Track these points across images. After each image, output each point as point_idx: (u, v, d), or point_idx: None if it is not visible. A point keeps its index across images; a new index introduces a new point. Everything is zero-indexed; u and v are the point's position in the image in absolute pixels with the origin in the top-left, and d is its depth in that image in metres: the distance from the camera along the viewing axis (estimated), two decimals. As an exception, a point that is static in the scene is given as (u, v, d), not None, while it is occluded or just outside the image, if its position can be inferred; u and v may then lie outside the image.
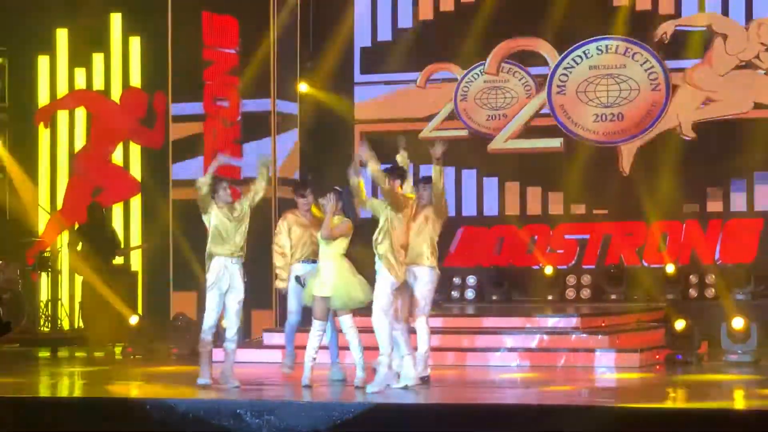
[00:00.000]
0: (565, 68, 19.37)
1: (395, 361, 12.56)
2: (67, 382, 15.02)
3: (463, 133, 19.74)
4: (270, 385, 13.36)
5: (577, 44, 19.26)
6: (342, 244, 12.94)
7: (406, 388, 12.45)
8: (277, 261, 13.81)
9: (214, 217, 13.19)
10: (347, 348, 13.13)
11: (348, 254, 13.02)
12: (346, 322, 12.87)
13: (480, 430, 10.81)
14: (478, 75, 19.84)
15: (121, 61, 20.85)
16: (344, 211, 12.97)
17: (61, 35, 21.03)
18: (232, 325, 13.13)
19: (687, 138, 18.67)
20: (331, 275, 12.87)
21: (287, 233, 13.73)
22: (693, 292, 18.27)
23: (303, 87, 19.62)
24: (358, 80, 20.09)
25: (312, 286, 12.99)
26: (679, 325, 15.57)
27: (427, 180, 12.97)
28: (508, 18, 19.28)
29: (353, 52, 20.03)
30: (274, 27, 18.82)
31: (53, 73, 21.14)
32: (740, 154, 18.25)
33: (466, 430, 10.86)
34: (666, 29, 18.65)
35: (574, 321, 15.62)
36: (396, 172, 12.74)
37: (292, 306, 13.76)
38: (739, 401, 12.31)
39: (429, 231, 12.98)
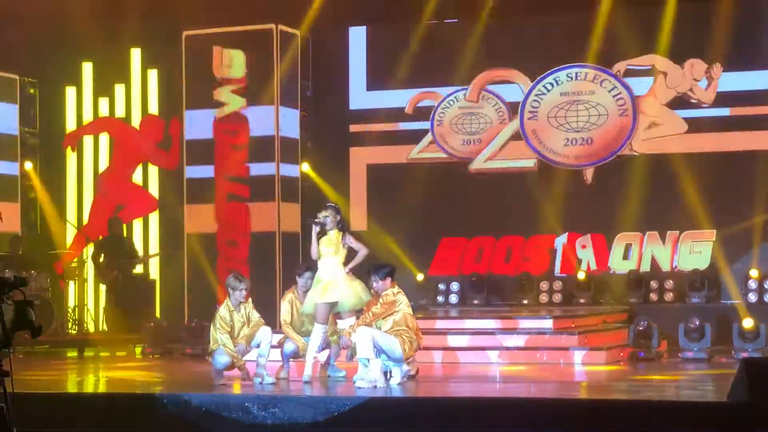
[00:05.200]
0: (537, 95, 19.29)
1: (378, 363, 12.48)
2: (92, 379, 15.03)
3: (444, 154, 19.72)
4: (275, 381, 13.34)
5: (548, 72, 19.22)
6: (344, 254, 12.99)
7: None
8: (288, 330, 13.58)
9: (224, 309, 13.14)
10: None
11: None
12: (350, 322, 12.86)
13: (463, 421, 10.83)
14: (453, 102, 19.69)
15: (141, 91, 20.88)
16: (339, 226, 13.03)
17: (87, 68, 21.07)
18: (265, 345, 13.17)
19: (636, 153, 18.83)
20: (341, 281, 12.87)
21: (291, 310, 13.57)
22: (653, 296, 18.31)
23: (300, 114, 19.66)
24: (354, 107, 20.10)
25: (314, 294, 12.99)
26: (641, 326, 15.62)
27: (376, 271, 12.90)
28: (485, 49, 19.29)
29: (348, 83, 20.07)
30: (277, 59, 18.86)
31: (79, 102, 21.17)
32: (689, 172, 18.40)
33: (450, 420, 10.89)
34: (620, 67, 18.92)
35: (547, 322, 15.64)
36: (382, 271, 12.77)
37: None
38: (693, 394, 12.34)
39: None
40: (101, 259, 19.92)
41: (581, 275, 18.63)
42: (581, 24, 18.72)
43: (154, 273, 20.56)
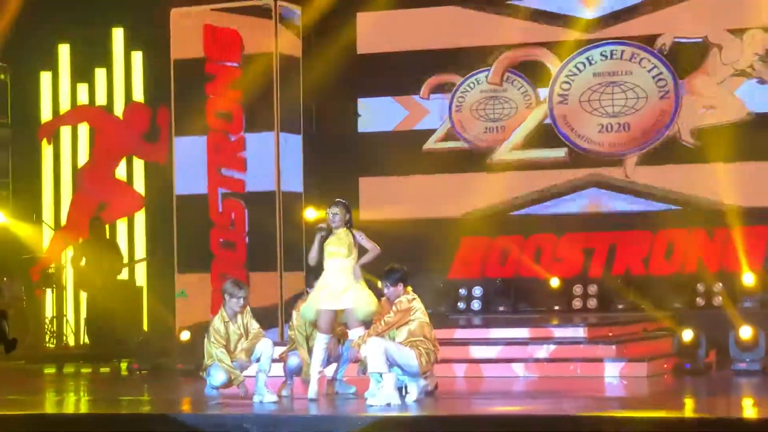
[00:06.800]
0: (568, 76, 19.24)
1: (392, 378, 12.48)
2: (73, 399, 15.05)
3: (465, 144, 19.74)
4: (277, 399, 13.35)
5: (580, 50, 19.17)
6: (354, 257, 12.94)
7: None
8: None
9: (218, 320, 13.12)
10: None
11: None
12: (359, 333, 12.82)
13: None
14: (474, 84, 19.71)
15: (124, 75, 20.91)
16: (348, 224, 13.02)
17: (63, 50, 21.11)
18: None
19: (687, 144, 18.70)
20: (349, 289, 12.84)
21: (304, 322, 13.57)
22: (700, 301, 18.25)
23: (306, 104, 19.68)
24: (362, 90, 20.11)
25: (316, 299, 12.96)
26: (687, 334, 15.58)
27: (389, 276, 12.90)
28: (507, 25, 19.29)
29: (356, 63, 20.07)
30: (277, 38, 18.83)
31: (55, 88, 21.22)
32: (743, 162, 18.30)
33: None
34: (665, 40, 18.72)
35: (581, 331, 15.62)
36: (393, 276, 12.77)
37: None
38: (748, 410, 12.31)
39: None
40: (82, 264, 19.97)
41: (619, 279, 18.60)
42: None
43: (141, 279, 20.59)
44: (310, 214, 18.95)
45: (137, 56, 20.81)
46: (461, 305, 19.22)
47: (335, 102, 19.98)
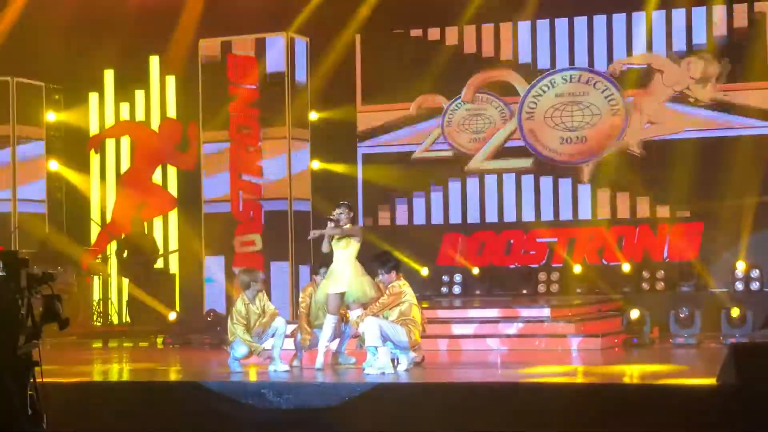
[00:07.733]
0: (534, 96, 19.26)
1: (386, 351, 12.49)
2: (116, 368, 15.07)
3: (449, 153, 19.73)
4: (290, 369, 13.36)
5: (544, 74, 19.18)
6: (355, 247, 12.97)
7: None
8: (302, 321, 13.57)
9: (240, 303, 13.12)
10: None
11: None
12: (357, 313, 12.85)
13: (466, 404, 10.84)
14: (461, 104, 19.74)
15: (159, 96, 20.90)
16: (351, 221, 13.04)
17: (108, 75, 21.09)
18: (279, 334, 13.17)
19: (635, 153, 18.72)
20: (347, 274, 12.85)
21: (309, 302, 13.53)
22: (645, 286, 18.25)
23: (313, 115, 19.65)
24: (360, 109, 20.08)
25: (326, 285, 13.00)
26: (634, 314, 15.63)
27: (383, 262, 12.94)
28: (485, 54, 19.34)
29: (356, 85, 20.05)
30: (288, 65, 18.84)
31: (102, 107, 21.20)
32: (681, 168, 18.32)
33: (454, 404, 10.90)
34: (616, 66, 18.78)
35: (545, 311, 15.63)
36: (388, 265, 12.81)
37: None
38: (684, 378, 12.34)
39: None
40: (124, 255, 19.98)
41: (577, 268, 18.60)
42: (579, 24, 18.65)
43: (174, 268, 20.59)
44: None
45: (171, 79, 20.81)
46: (444, 290, 19.21)
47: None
